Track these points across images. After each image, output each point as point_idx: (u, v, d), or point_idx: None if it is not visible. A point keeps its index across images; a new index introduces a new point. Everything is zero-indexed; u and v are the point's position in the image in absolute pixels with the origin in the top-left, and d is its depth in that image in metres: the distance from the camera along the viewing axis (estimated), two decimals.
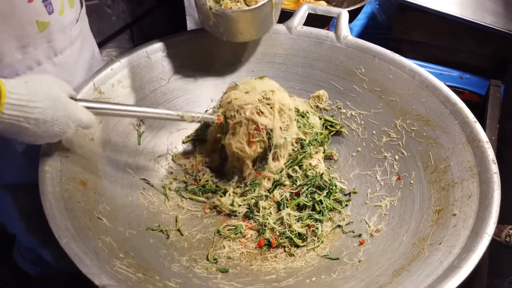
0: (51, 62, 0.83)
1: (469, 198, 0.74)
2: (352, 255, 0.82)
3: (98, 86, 0.90)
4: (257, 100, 0.90)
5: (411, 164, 0.91)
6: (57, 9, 0.79)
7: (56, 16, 0.80)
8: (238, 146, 0.91)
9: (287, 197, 0.93)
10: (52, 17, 0.79)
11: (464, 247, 0.66)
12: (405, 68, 0.98)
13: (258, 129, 0.89)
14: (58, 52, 0.83)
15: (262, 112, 0.90)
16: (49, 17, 0.78)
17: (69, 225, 0.65)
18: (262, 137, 0.90)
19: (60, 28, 0.82)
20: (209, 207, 0.94)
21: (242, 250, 0.86)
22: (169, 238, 0.84)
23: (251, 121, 0.89)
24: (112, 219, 0.76)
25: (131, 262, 0.69)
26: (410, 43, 1.32)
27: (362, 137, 1.02)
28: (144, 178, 0.93)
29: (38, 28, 0.77)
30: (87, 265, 0.59)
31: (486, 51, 1.24)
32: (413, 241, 0.76)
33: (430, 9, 1.20)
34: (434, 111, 0.91)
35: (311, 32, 1.08)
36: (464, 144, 0.83)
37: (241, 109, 0.90)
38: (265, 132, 0.90)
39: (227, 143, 0.92)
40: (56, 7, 0.79)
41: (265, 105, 0.90)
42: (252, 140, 0.90)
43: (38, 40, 0.79)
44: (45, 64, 0.82)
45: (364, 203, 0.93)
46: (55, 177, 0.72)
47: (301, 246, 0.86)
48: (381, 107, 1.00)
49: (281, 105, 0.92)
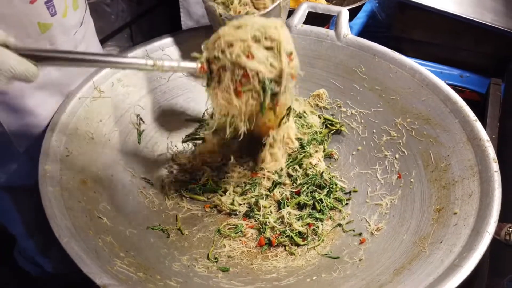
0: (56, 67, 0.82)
1: (470, 196, 0.74)
2: (352, 254, 0.82)
3: (97, 85, 0.89)
4: (249, 38, 0.72)
5: (411, 162, 0.91)
6: (60, 11, 0.79)
7: (59, 18, 0.79)
8: (225, 97, 0.73)
9: (287, 196, 0.93)
10: (55, 19, 0.79)
11: (465, 245, 0.66)
12: (405, 67, 0.97)
13: (246, 76, 0.71)
14: None
15: (252, 56, 0.71)
16: (52, 19, 0.78)
17: (69, 224, 0.65)
18: (254, 85, 0.73)
19: (63, 30, 0.81)
20: (210, 206, 0.94)
21: (243, 249, 0.85)
22: (169, 237, 0.84)
23: (237, 66, 0.71)
24: (113, 219, 0.76)
25: (132, 261, 0.69)
26: (410, 42, 1.31)
27: (362, 135, 1.02)
28: (144, 177, 0.93)
29: (40, 29, 0.77)
30: (88, 264, 0.58)
31: (486, 50, 1.23)
32: (414, 239, 0.76)
33: (430, 8, 1.19)
34: (434, 109, 0.91)
35: (311, 30, 1.08)
36: (465, 142, 0.82)
37: (227, 48, 0.71)
38: (256, 80, 0.72)
39: (212, 94, 0.75)
40: (59, 10, 0.78)
41: (260, 45, 0.72)
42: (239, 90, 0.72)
43: (40, 41, 0.78)
44: (48, 68, 0.81)
45: (364, 202, 0.93)
46: (55, 176, 0.72)
47: (301, 245, 0.86)
48: (381, 105, 1.00)
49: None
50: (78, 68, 0.88)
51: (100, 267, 0.60)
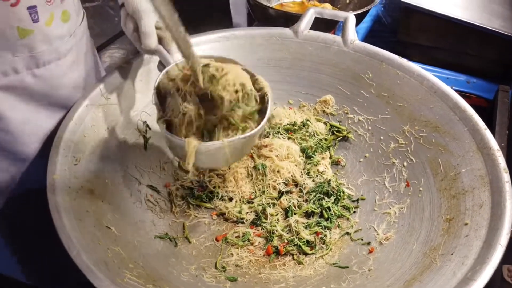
0: (31, 72, 0.79)
1: (481, 207, 0.74)
2: (361, 263, 0.81)
3: (105, 92, 0.89)
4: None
5: (420, 171, 0.90)
6: (44, 19, 0.76)
7: (41, 26, 0.76)
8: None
9: (294, 203, 0.93)
10: (37, 26, 0.75)
11: (478, 258, 0.65)
12: (413, 74, 0.97)
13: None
14: (41, 64, 0.80)
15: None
16: (33, 25, 0.75)
17: (78, 235, 0.64)
18: None
19: (44, 39, 0.78)
20: (216, 213, 0.93)
21: (250, 258, 0.85)
22: (177, 246, 0.84)
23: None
24: (121, 228, 0.76)
25: (141, 272, 0.68)
26: (416, 47, 1.31)
27: (369, 142, 1.01)
28: (151, 184, 0.92)
29: (19, 34, 0.74)
30: (98, 277, 0.58)
31: (494, 55, 1.23)
32: (424, 250, 0.76)
33: (436, 13, 1.19)
34: (443, 117, 0.90)
35: (318, 36, 1.07)
36: (474, 151, 0.82)
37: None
38: None
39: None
40: (42, 17, 0.75)
41: None
42: None
43: (17, 46, 0.75)
44: (23, 73, 0.79)
45: (372, 210, 0.92)
46: (63, 186, 0.71)
47: (309, 254, 0.86)
48: (389, 112, 0.99)
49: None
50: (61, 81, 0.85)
51: (111, 279, 0.59)
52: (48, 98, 0.84)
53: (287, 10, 1.42)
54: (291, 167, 0.97)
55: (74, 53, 0.87)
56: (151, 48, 0.81)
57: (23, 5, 0.72)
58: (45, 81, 0.82)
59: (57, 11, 0.79)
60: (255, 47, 1.07)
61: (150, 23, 0.79)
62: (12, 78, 0.78)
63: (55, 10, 0.78)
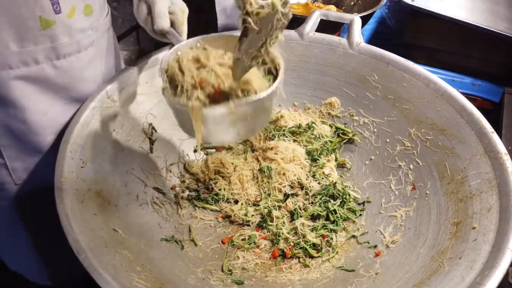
0: (51, 64, 0.80)
1: (489, 211, 0.73)
2: (368, 267, 0.81)
3: (110, 95, 0.89)
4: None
5: (426, 174, 0.90)
6: (66, 11, 0.77)
7: (63, 18, 0.77)
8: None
9: (300, 206, 0.93)
10: (59, 17, 0.76)
11: (486, 262, 0.65)
12: (419, 76, 0.97)
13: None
14: (61, 55, 0.81)
15: None
16: (55, 16, 0.76)
17: (86, 239, 0.64)
18: None
19: (66, 30, 0.79)
20: (222, 216, 0.93)
21: (257, 261, 0.85)
22: (183, 249, 0.84)
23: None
24: (128, 231, 0.75)
25: (148, 275, 0.68)
26: (421, 49, 1.31)
27: (375, 145, 1.01)
28: (157, 187, 0.92)
29: (41, 24, 0.75)
30: (107, 281, 0.58)
31: (499, 58, 1.23)
32: (432, 254, 0.75)
33: (442, 15, 1.19)
34: (449, 120, 0.90)
35: (323, 38, 1.07)
36: (482, 155, 0.82)
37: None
38: None
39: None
40: (64, 9, 0.76)
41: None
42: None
43: (39, 37, 0.76)
44: (43, 64, 0.79)
45: (378, 213, 0.92)
46: (70, 189, 0.71)
47: (316, 257, 0.86)
48: (395, 115, 0.99)
49: None
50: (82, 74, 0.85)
51: (119, 283, 0.59)
52: (67, 91, 0.85)
53: (293, 12, 1.41)
54: (297, 170, 0.97)
55: (95, 47, 0.87)
56: (164, 29, 0.82)
57: None
58: (65, 73, 0.83)
59: (79, 4, 0.80)
60: None
61: (163, 6, 0.82)
62: (32, 68, 0.78)
63: (77, 3, 0.79)
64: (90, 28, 0.85)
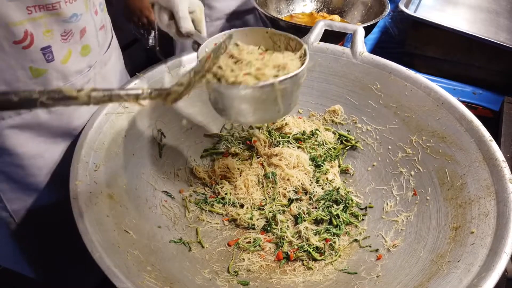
0: (46, 109, 0.79)
1: (487, 216, 0.76)
2: (369, 269, 0.84)
3: None
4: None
5: (427, 180, 0.93)
6: (60, 57, 0.76)
7: (56, 64, 0.75)
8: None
9: (304, 211, 0.95)
10: (51, 65, 0.75)
11: (483, 265, 0.67)
12: (420, 85, 1.00)
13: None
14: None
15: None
16: (47, 64, 0.74)
17: (100, 239, 0.67)
18: None
19: (59, 76, 0.77)
20: (228, 219, 0.96)
21: (261, 263, 0.87)
22: (191, 251, 0.86)
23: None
24: (138, 232, 0.78)
25: (158, 275, 0.71)
26: (423, 58, 1.33)
27: (377, 152, 1.04)
28: (166, 190, 0.95)
29: (32, 74, 0.73)
30: (121, 280, 0.61)
31: (500, 68, 1.25)
32: (431, 257, 0.78)
33: (444, 26, 1.22)
34: (449, 128, 0.93)
35: (328, 48, 1.11)
36: (481, 162, 0.84)
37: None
38: None
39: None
40: (57, 56, 0.75)
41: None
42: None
43: (30, 85, 0.74)
44: (37, 111, 0.78)
45: (380, 218, 0.95)
46: (84, 191, 0.74)
47: (319, 260, 0.88)
48: (397, 122, 1.02)
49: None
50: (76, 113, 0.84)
51: (132, 281, 0.62)
52: (63, 130, 0.84)
53: (296, 21, 1.45)
54: (301, 176, 1.00)
55: (92, 83, 0.86)
56: (189, 30, 0.86)
57: (37, 47, 0.72)
58: (60, 116, 0.82)
59: (76, 47, 0.78)
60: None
61: (185, 9, 0.86)
62: (26, 116, 0.78)
63: (73, 46, 0.78)
64: (87, 67, 0.83)
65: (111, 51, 0.93)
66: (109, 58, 0.93)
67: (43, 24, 0.71)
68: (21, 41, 0.70)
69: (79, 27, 0.77)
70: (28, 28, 0.70)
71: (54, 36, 0.73)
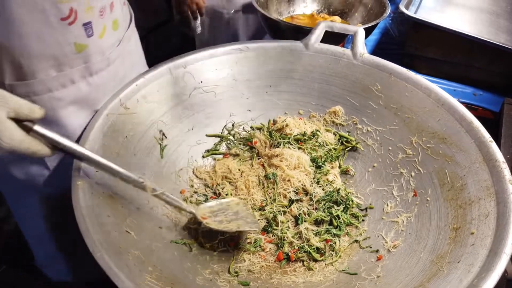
0: (86, 81, 0.87)
1: (487, 217, 0.76)
2: (370, 270, 0.84)
3: (123, 102, 0.93)
4: None
5: (427, 181, 0.93)
6: (98, 32, 0.84)
7: (95, 39, 0.84)
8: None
9: (304, 211, 0.96)
10: (91, 40, 0.83)
11: (483, 266, 0.68)
12: (420, 86, 1.00)
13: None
14: (94, 72, 0.87)
15: None
16: (88, 40, 0.82)
17: (101, 239, 0.67)
18: None
19: (98, 50, 0.86)
20: None
21: (262, 264, 0.88)
22: (191, 251, 0.87)
23: None
24: (139, 233, 0.79)
25: (159, 275, 0.71)
26: (424, 59, 1.34)
27: (378, 153, 1.04)
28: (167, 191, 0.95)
29: (76, 49, 0.81)
30: (122, 280, 0.61)
31: (500, 69, 1.25)
32: (431, 258, 0.78)
33: (444, 28, 1.22)
34: (450, 129, 0.93)
35: (328, 49, 1.11)
36: (481, 163, 0.84)
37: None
38: None
39: None
40: (96, 31, 0.83)
41: None
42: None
43: (74, 60, 0.82)
44: (79, 83, 0.86)
45: (380, 219, 0.95)
46: (86, 192, 0.75)
47: (319, 261, 0.88)
48: (397, 123, 1.02)
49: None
50: (111, 85, 0.92)
51: (133, 281, 0.62)
52: (98, 103, 0.91)
53: (297, 23, 1.46)
54: (301, 176, 1.00)
55: (122, 58, 0.94)
56: None
57: (80, 22, 0.79)
58: (97, 88, 0.90)
59: (108, 22, 0.86)
60: (267, 59, 1.11)
61: None
62: (69, 89, 0.85)
63: (107, 21, 0.86)
64: (117, 41, 0.91)
65: (132, 27, 0.99)
66: (132, 34, 0.99)
67: (85, 2, 0.79)
68: (67, 18, 0.77)
69: (109, 2, 0.85)
70: (72, 6, 0.77)
71: (93, 12, 0.81)
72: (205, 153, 1.07)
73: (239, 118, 1.11)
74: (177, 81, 1.03)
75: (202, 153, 1.07)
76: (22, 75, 0.79)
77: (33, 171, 0.95)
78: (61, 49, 0.79)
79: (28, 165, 0.93)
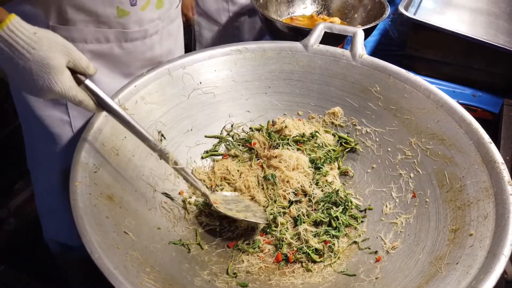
0: (119, 44, 0.92)
1: (485, 218, 0.76)
2: (369, 271, 0.84)
3: (122, 103, 0.93)
4: None
5: (426, 182, 0.93)
6: (141, 4, 0.89)
7: (137, 10, 0.88)
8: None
9: (303, 212, 0.95)
10: (133, 9, 0.88)
11: (482, 267, 0.68)
12: (420, 87, 1.00)
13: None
14: (129, 39, 0.92)
15: None
16: (131, 8, 0.87)
17: (99, 240, 0.67)
18: None
19: (137, 21, 0.91)
20: (228, 221, 0.96)
21: (261, 265, 0.88)
22: (190, 252, 0.86)
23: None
24: (137, 234, 0.79)
25: (157, 276, 0.71)
26: (423, 61, 1.34)
27: (377, 154, 1.04)
28: (165, 192, 0.95)
29: (117, 13, 0.87)
30: (120, 281, 0.61)
31: (499, 70, 1.26)
32: (430, 259, 0.78)
33: (443, 29, 1.22)
34: (449, 130, 0.93)
35: (327, 50, 1.11)
36: (480, 164, 0.84)
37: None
38: None
39: None
40: (140, 2, 0.88)
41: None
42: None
43: (114, 23, 0.88)
44: (113, 43, 0.91)
45: (379, 220, 0.95)
46: (84, 193, 0.75)
47: (318, 262, 0.88)
48: (396, 125, 1.02)
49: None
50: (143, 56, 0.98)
51: (131, 282, 0.62)
52: (126, 68, 0.97)
53: (296, 24, 1.46)
54: (300, 178, 1.00)
55: (159, 35, 0.99)
56: None
57: None
58: (129, 54, 0.95)
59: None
60: (266, 60, 1.11)
61: None
62: (103, 46, 0.91)
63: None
64: (158, 19, 0.96)
65: (177, 12, 1.05)
66: (176, 17, 1.05)
67: None
68: None
69: None
70: None
71: None
72: (204, 154, 1.07)
73: (238, 119, 1.11)
74: (176, 82, 1.03)
75: (201, 154, 1.07)
76: (64, 21, 0.85)
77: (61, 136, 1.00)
78: (104, 9, 0.84)
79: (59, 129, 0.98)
